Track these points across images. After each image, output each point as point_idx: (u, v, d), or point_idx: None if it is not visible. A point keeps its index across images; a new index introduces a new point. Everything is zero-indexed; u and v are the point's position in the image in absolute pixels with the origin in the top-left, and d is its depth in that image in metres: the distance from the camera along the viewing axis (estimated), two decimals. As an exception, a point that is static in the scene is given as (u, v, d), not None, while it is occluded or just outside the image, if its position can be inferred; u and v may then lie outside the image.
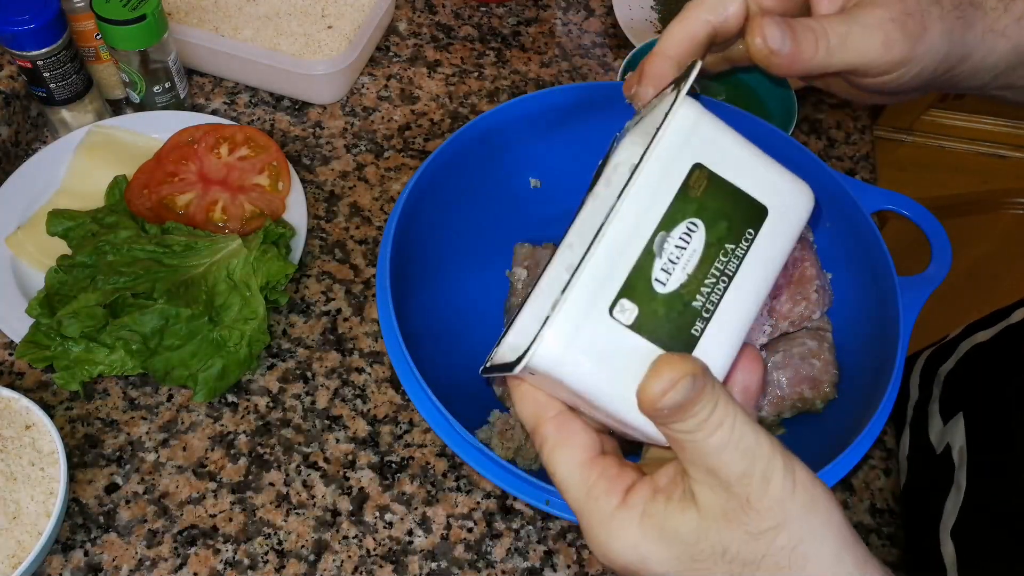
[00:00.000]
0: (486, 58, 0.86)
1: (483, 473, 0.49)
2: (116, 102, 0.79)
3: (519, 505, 0.61)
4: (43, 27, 0.66)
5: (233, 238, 0.64)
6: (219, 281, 0.62)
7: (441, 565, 0.58)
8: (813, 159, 0.62)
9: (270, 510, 0.59)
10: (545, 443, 0.36)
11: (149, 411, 0.63)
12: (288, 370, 0.65)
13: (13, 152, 0.75)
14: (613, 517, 0.34)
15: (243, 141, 0.72)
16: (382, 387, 0.65)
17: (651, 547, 0.33)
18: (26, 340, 0.61)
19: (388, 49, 0.85)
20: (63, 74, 0.70)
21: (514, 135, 0.63)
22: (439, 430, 0.51)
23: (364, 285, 0.70)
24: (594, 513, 0.34)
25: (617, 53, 0.88)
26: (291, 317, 0.68)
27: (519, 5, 0.91)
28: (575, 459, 0.35)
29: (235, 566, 0.57)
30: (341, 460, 0.62)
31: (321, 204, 0.74)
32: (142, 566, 0.57)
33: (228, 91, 0.81)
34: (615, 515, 0.34)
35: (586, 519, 0.35)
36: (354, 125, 0.80)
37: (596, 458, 0.35)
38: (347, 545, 0.58)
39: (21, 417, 0.57)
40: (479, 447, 0.49)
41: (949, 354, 0.74)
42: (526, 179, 0.67)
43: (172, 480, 0.60)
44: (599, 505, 0.34)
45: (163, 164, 0.70)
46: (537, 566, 0.58)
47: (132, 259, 0.62)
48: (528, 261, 0.66)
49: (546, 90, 0.63)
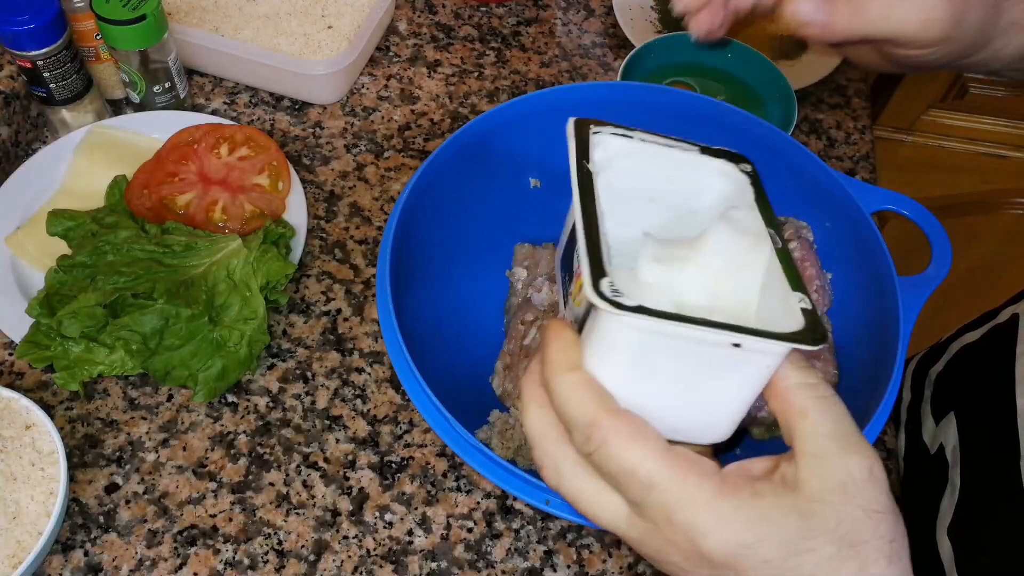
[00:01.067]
0: (486, 58, 0.86)
1: (483, 473, 0.49)
2: (116, 102, 0.80)
3: (519, 505, 0.61)
4: (43, 27, 0.66)
5: (233, 238, 0.64)
6: (219, 281, 0.62)
7: (441, 565, 0.58)
8: (813, 159, 0.62)
9: (270, 510, 0.59)
10: (615, 435, 0.32)
11: (149, 411, 0.63)
12: (288, 370, 0.65)
13: (13, 152, 0.75)
14: (717, 501, 0.32)
15: (243, 141, 0.72)
16: (382, 387, 0.65)
17: (763, 529, 0.31)
18: (26, 340, 0.61)
19: (388, 49, 0.85)
20: (63, 74, 0.70)
21: (514, 135, 0.63)
22: (439, 430, 0.51)
23: (364, 285, 0.70)
24: (694, 500, 0.32)
25: (617, 53, 0.88)
26: (291, 317, 0.68)
27: (519, 5, 0.91)
28: (658, 448, 0.32)
29: (235, 566, 0.57)
30: (341, 460, 0.62)
31: (321, 204, 0.74)
32: (142, 566, 0.57)
33: (228, 91, 0.81)
34: (719, 499, 0.32)
35: (684, 509, 0.32)
36: (354, 125, 0.80)
37: (672, 447, 0.33)
38: (347, 545, 0.58)
39: (21, 417, 0.57)
40: (479, 447, 0.49)
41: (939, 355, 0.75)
42: (526, 179, 0.67)
43: (172, 480, 0.60)
44: (700, 491, 0.32)
45: (163, 164, 0.70)
46: (537, 566, 0.58)
47: (132, 259, 0.62)
48: (528, 261, 0.66)
49: (546, 90, 0.63)
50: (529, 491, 0.49)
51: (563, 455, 0.35)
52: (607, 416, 0.33)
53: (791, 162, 0.63)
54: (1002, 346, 0.65)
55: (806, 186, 0.62)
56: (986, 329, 0.70)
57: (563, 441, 0.35)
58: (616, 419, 0.33)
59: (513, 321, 0.63)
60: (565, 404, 0.34)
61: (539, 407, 0.35)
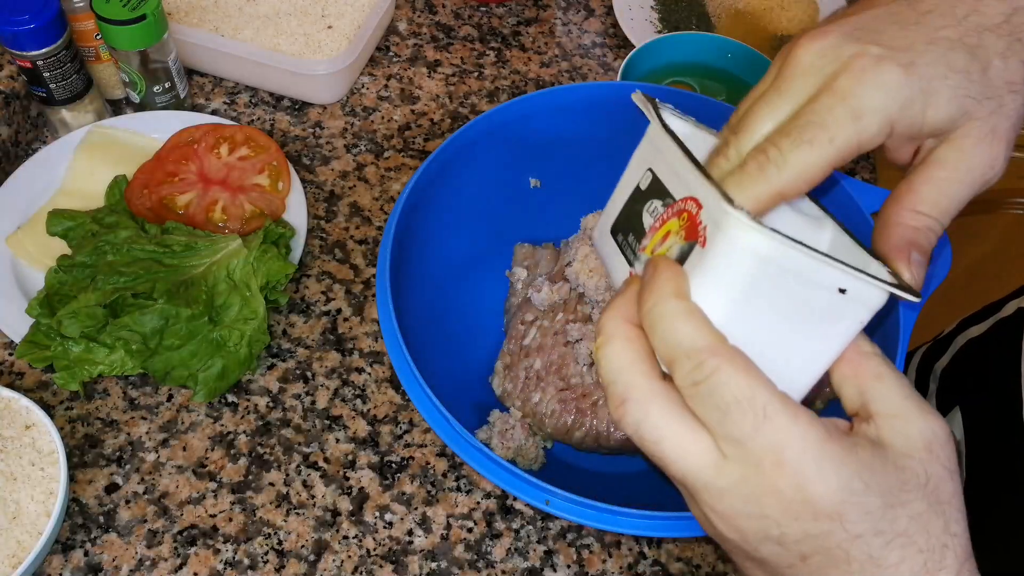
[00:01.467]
0: (486, 58, 0.86)
1: (483, 473, 0.49)
2: (116, 102, 0.80)
3: (519, 505, 0.61)
4: (43, 27, 0.66)
5: (233, 238, 0.64)
6: (219, 281, 0.62)
7: (441, 565, 0.58)
8: (813, 159, 0.62)
9: (270, 510, 0.59)
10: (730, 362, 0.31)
11: (149, 411, 0.63)
12: (288, 370, 0.65)
13: (13, 152, 0.75)
14: (828, 444, 0.30)
15: (243, 141, 0.72)
16: (382, 387, 0.65)
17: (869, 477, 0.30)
18: (26, 340, 0.61)
19: (388, 49, 0.85)
20: (63, 74, 0.70)
21: (514, 135, 0.63)
22: (439, 430, 0.51)
23: (364, 285, 0.70)
24: (805, 439, 0.30)
25: (617, 53, 0.88)
26: (291, 317, 0.68)
27: (519, 5, 0.91)
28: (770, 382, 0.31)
29: (235, 566, 0.57)
30: (341, 460, 0.62)
31: (321, 204, 0.74)
32: (142, 566, 0.57)
33: (228, 91, 0.81)
34: (829, 443, 0.30)
35: (795, 447, 0.30)
36: (354, 125, 0.80)
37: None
38: (347, 545, 0.58)
39: (21, 417, 0.57)
40: (479, 447, 0.49)
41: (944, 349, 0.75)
42: (526, 179, 0.67)
43: (172, 480, 0.60)
44: (811, 431, 0.30)
45: (163, 164, 0.70)
46: (537, 566, 0.58)
47: (132, 259, 0.62)
48: (528, 261, 0.66)
49: (546, 90, 0.63)
50: (529, 491, 0.49)
51: (653, 389, 0.32)
52: (722, 342, 0.31)
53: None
54: (1007, 340, 0.65)
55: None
56: (991, 323, 0.70)
57: (653, 375, 0.33)
58: (731, 347, 0.31)
59: (513, 321, 0.63)
60: (672, 331, 0.32)
61: (626, 340, 0.33)
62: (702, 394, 0.31)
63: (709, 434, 0.32)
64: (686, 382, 0.32)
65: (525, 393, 0.59)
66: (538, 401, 0.59)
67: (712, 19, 0.90)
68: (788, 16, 0.90)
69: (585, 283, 0.60)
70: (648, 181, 0.40)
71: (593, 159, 0.67)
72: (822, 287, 0.33)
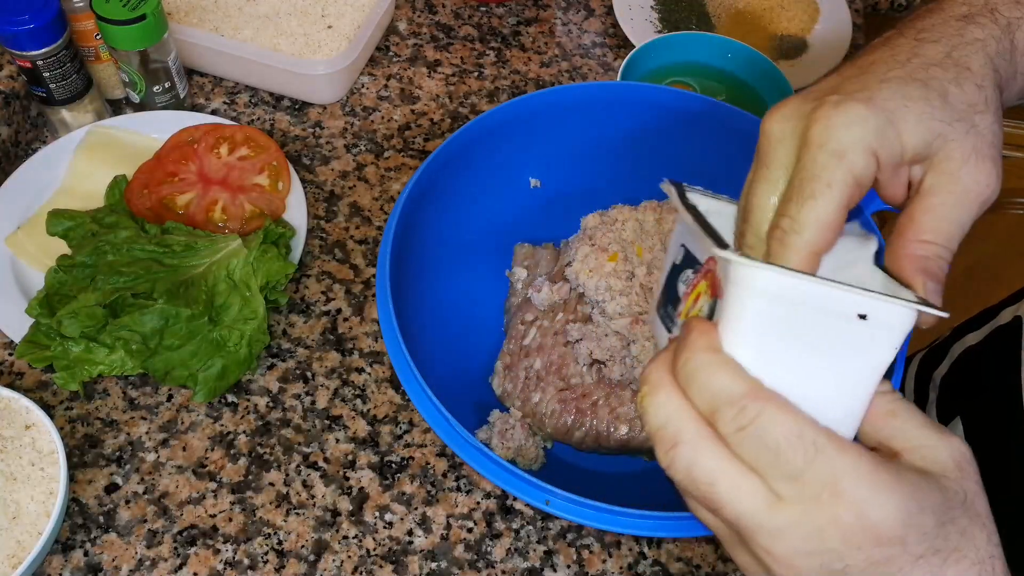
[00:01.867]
0: (486, 58, 0.86)
1: (483, 473, 0.49)
2: (116, 102, 0.79)
3: (519, 505, 0.61)
4: (43, 27, 0.66)
5: (233, 238, 0.64)
6: (219, 281, 0.62)
7: (441, 565, 0.58)
8: (813, 159, 0.62)
9: (270, 510, 0.59)
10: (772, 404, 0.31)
11: (149, 411, 0.63)
12: (288, 370, 0.65)
13: (13, 152, 0.75)
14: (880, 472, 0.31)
15: (243, 141, 0.72)
16: (382, 387, 0.65)
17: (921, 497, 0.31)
18: (26, 340, 0.61)
19: (388, 49, 0.85)
20: (63, 74, 0.70)
21: (514, 135, 0.63)
22: (439, 430, 0.51)
23: (364, 285, 0.70)
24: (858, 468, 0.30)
25: (617, 53, 0.88)
26: (291, 317, 0.68)
27: (519, 5, 0.91)
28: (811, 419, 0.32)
29: (235, 566, 0.57)
30: (341, 460, 0.62)
31: (321, 204, 0.74)
32: (142, 566, 0.57)
33: (228, 91, 0.81)
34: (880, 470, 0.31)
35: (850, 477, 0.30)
36: (354, 125, 0.80)
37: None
38: (347, 545, 0.58)
39: (21, 417, 0.57)
40: (479, 447, 0.49)
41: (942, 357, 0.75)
42: (526, 179, 0.67)
43: (172, 480, 0.60)
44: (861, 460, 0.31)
45: (163, 164, 0.70)
46: (537, 566, 0.58)
47: (132, 259, 0.62)
48: (528, 261, 0.66)
49: (546, 90, 0.63)
50: (529, 491, 0.49)
51: (702, 433, 0.33)
52: (760, 386, 0.32)
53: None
54: (1006, 348, 0.65)
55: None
56: (988, 331, 0.70)
57: (701, 421, 0.33)
58: (769, 389, 0.32)
59: (513, 321, 0.63)
60: (709, 381, 0.32)
61: (671, 389, 0.34)
62: (750, 437, 0.31)
63: (759, 477, 0.32)
64: (731, 428, 0.32)
65: (525, 393, 0.59)
66: (538, 401, 0.59)
67: (712, 19, 0.90)
68: (788, 16, 0.90)
69: (585, 283, 0.60)
70: (681, 256, 0.42)
71: (593, 159, 0.67)
72: (841, 315, 0.33)
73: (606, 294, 0.60)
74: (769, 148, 0.37)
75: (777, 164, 0.37)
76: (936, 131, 0.36)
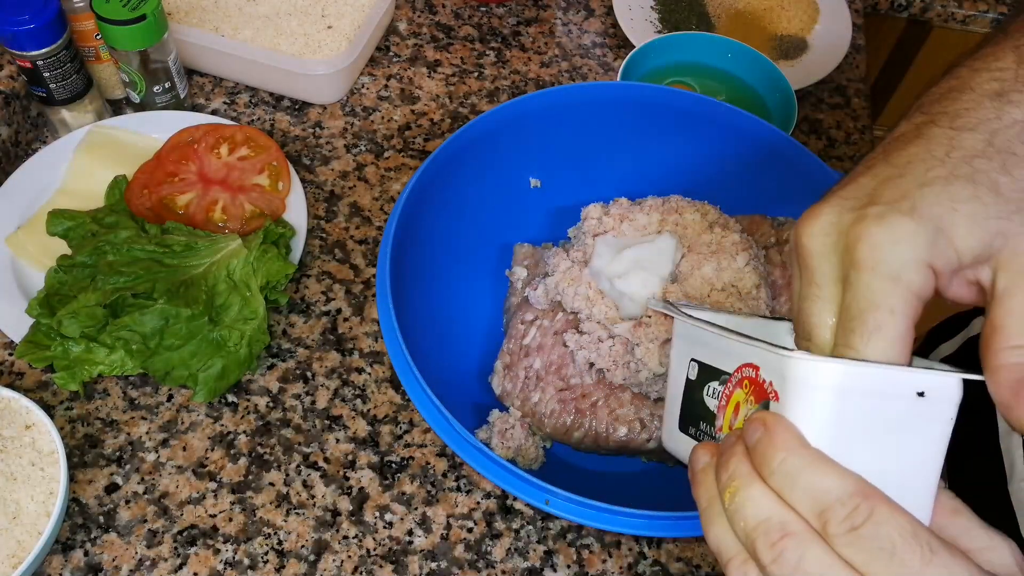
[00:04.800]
0: (486, 58, 0.86)
1: (483, 473, 0.49)
2: (116, 102, 0.80)
3: (519, 505, 0.61)
4: (43, 27, 0.66)
5: (233, 238, 0.64)
6: (219, 281, 0.62)
7: (441, 565, 0.58)
8: (813, 159, 0.62)
9: (270, 510, 0.59)
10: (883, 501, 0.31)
11: (149, 411, 0.63)
12: (288, 370, 0.65)
13: (13, 152, 0.75)
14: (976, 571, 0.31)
15: (243, 141, 0.72)
16: (382, 387, 0.65)
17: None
18: (26, 340, 0.61)
19: (388, 49, 0.85)
20: (63, 74, 0.70)
21: (514, 135, 0.63)
22: (439, 430, 0.51)
23: (364, 285, 0.70)
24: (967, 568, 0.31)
25: (617, 53, 0.88)
26: (291, 317, 0.68)
27: (519, 5, 0.91)
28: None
29: (235, 566, 0.57)
30: (341, 460, 0.62)
31: (321, 204, 0.74)
32: (142, 566, 0.57)
33: (228, 91, 0.81)
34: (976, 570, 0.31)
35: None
36: (354, 125, 0.80)
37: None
38: (347, 545, 0.58)
39: (21, 417, 0.57)
40: (479, 447, 0.49)
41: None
42: (526, 179, 0.67)
43: (172, 480, 0.60)
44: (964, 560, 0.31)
45: (163, 164, 0.70)
46: (537, 566, 0.58)
47: (132, 259, 0.62)
48: (528, 261, 0.66)
49: (546, 90, 0.63)
50: (529, 491, 0.49)
51: (808, 528, 0.32)
52: (868, 485, 0.31)
53: (791, 162, 0.63)
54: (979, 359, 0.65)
55: (806, 186, 0.62)
56: (962, 341, 0.70)
57: (805, 525, 0.32)
58: (874, 487, 0.31)
59: (513, 321, 0.63)
60: (815, 480, 0.31)
61: (764, 491, 0.32)
62: (864, 537, 0.30)
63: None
64: (842, 528, 0.31)
65: (525, 393, 0.59)
66: (537, 401, 0.59)
67: (712, 19, 0.90)
68: (788, 16, 0.90)
69: (564, 291, 0.60)
70: (696, 370, 0.42)
71: (593, 159, 0.67)
72: (903, 396, 0.33)
73: (584, 303, 0.59)
74: (813, 264, 0.35)
75: (826, 280, 0.35)
76: (994, 230, 0.34)
